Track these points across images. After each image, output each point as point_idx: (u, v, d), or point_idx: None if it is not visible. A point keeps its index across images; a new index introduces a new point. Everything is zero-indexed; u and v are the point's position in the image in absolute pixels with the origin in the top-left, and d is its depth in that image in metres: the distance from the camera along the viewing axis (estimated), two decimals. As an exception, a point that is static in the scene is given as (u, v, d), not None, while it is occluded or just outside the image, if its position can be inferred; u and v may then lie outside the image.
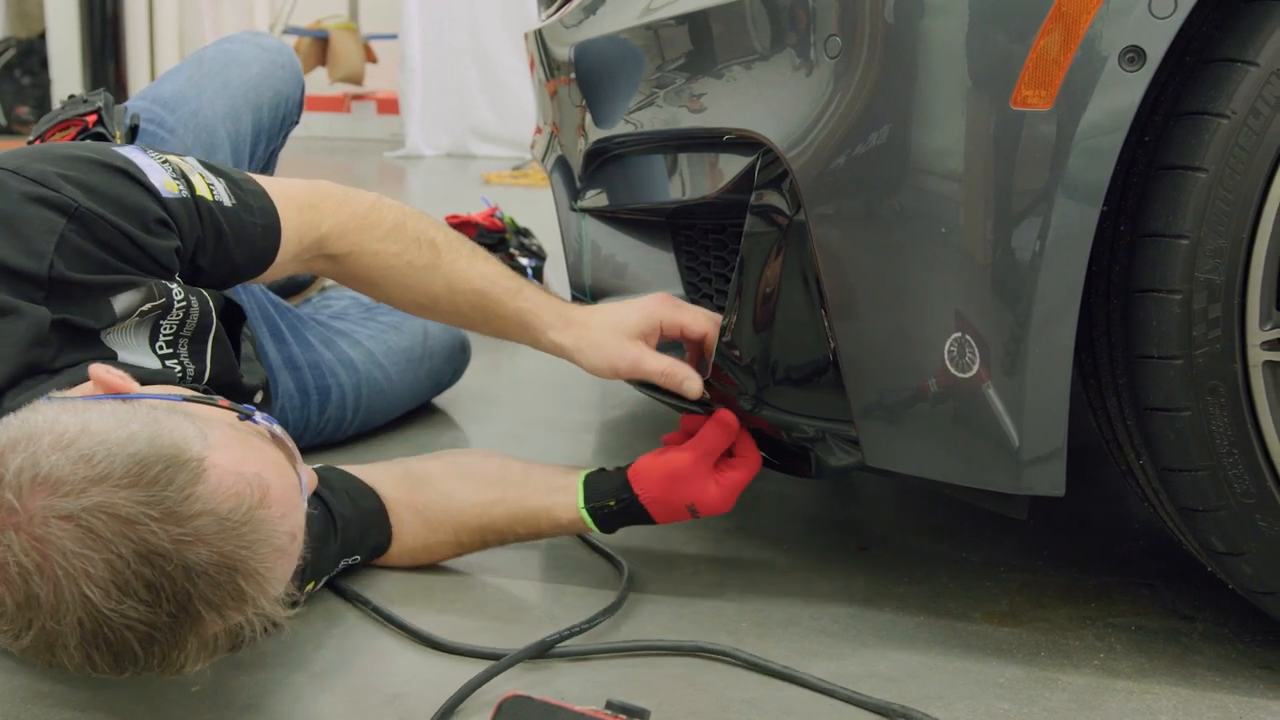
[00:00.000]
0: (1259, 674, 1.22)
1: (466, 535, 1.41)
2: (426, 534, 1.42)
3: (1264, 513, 1.12)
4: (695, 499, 1.36)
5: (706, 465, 1.36)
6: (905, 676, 1.19)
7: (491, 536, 1.41)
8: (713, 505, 1.36)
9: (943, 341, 1.13)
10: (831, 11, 1.14)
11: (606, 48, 1.46)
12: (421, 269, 1.38)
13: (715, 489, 1.36)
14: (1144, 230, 1.09)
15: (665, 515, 1.37)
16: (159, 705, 1.16)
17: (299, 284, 2.22)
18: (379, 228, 1.37)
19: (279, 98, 1.88)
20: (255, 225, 1.30)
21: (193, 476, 0.96)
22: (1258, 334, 1.09)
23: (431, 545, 1.42)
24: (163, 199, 1.21)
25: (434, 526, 1.41)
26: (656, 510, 1.37)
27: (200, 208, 1.24)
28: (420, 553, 1.43)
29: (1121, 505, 1.70)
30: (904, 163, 1.12)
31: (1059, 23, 1.04)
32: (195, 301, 1.25)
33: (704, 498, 1.36)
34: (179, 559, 0.94)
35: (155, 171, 1.22)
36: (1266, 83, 1.04)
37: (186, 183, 1.24)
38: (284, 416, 1.82)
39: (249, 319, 1.75)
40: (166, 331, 1.23)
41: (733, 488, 1.37)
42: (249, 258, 1.31)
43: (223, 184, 1.28)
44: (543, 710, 1.01)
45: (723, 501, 1.36)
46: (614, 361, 1.38)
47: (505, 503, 1.39)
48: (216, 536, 0.95)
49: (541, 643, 1.24)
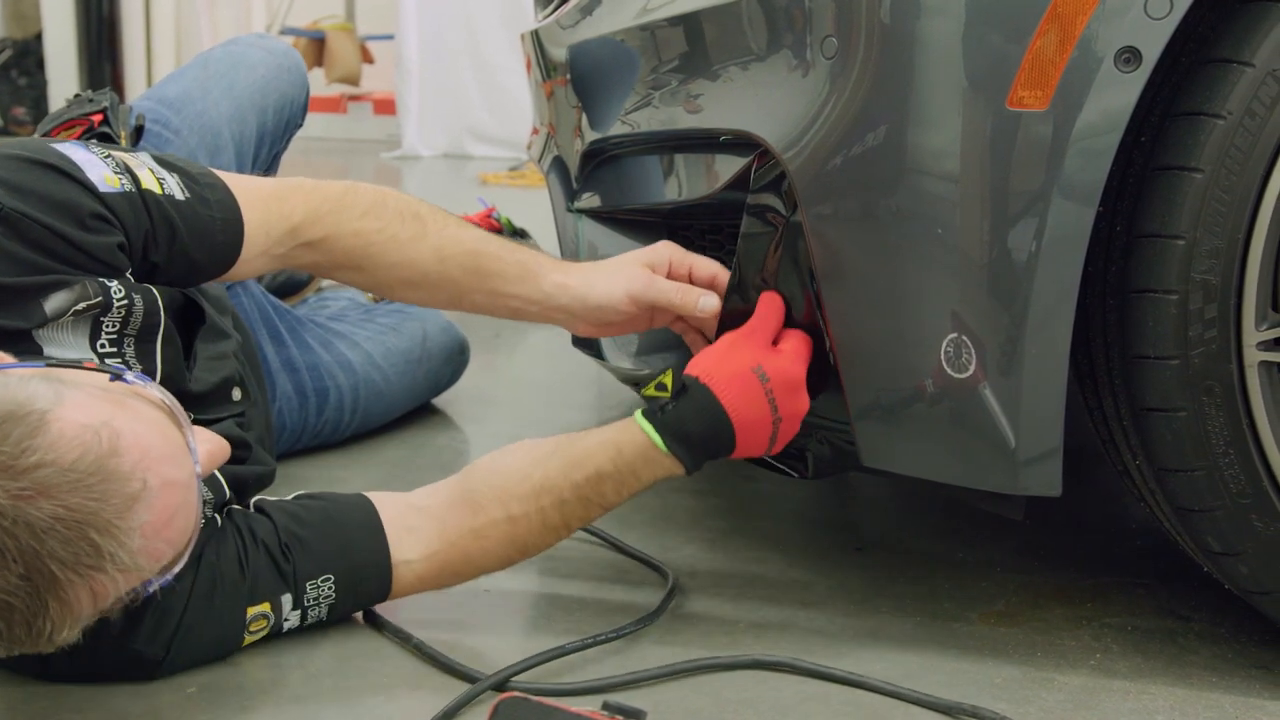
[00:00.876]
0: (1255, 674, 1.22)
1: (518, 505, 1.24)
2: (471, 517, 1.25)
3: (1260, 513, 1.12)
4: (761, 361, 1.22)
5: (764, 335, 1.24)
6: (902, 677, 1.20)
7: (547, 499, 1.24)
8: (782, 368, 1.22)
9: (939, 342, 1.14)
10: (828, 12, 1.15)
11: (603, 48, 1.46)
12: (408, 242, 1.33)
13: (779, 353, 1.23)
14: (1140, 231, 1.09)
15: (733, 390, 1.21)
16: (156, 706, 1.15)
17: (296, 284, 2.22)
18: (355, 207, 1.33)
19: (284, 100, 1.89)
20: (214, 220, 1.26)
21: (31, 430, 0.93)
22: (1253, 334, 1.09)
23: (480, 528, 1.25)
24: (100, 194, 1.17)
25: (478, 507, 1.25)
26: (721, 384, 1.21)
27: (147, 201, 1.20)
28: (469, 543, 1.26)
29: (1118, 505, 1.70)
30: (900, 163, 1.12)
31: (1055, 23, 1.04)
32: (139, 300, 1.20)
33: (770, 359, 1.22)
34: (19, 515, 0.91)
35: (95, 166, 1.19)
36: (1262, 83, 1.05)
37: (131, 176, 1.20)
38: (282, 418, 1.82)
39: (247, 320, 1.76)
40: (109, 330, 1.19)
41: (797, 350, 1.24)
42: (209, 254, 1.27)
43: (176, 178, 1.24)
44: (539, 711, 1.01)
45: (792, 362, 1.22)
46: (628, 285, 1.31)
47: (559, 453, 1.25)
48: (60, 489, 0.93)
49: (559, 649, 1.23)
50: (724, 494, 1.73)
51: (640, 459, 1.23)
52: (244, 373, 1.45)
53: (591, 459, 1.24)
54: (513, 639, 1.30)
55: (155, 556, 1.01)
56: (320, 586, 1.26)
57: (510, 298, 1.36)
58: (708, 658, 1.23)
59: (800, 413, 1.24)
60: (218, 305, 1.55)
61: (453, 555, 1.27)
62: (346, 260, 1.34)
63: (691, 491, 1.74)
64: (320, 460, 1.84)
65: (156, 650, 1.18)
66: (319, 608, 1.26)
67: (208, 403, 1.34)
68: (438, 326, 2.08)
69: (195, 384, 1.32)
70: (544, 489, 1.24)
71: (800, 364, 1.24)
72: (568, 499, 1.25)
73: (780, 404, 1.22)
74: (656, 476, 1.25)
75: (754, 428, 1.23)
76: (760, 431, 1.23)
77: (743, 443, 1.24)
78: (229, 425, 1.35)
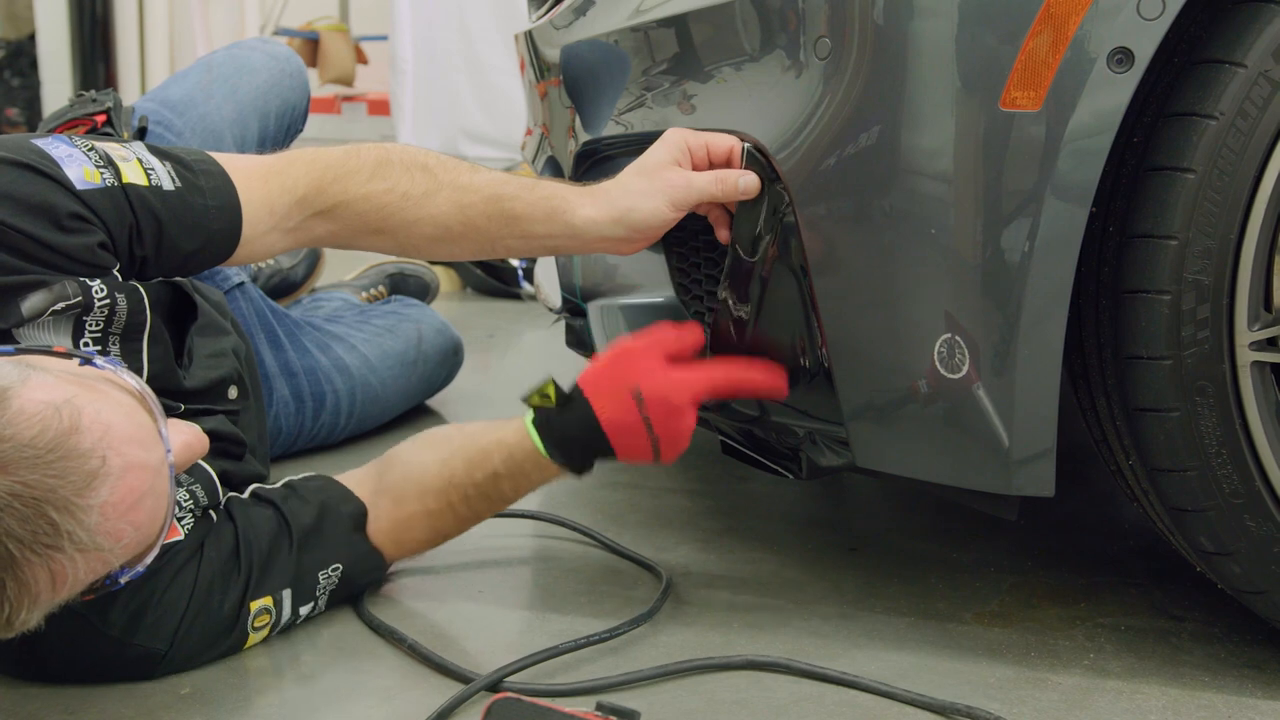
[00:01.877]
0: (1247, 673, 1.22)
1: (433, 500, 1.32)
2: (395, 509, 1.33)
3: (1252, 513, 1.12)
4: (640, 383, 1.24)
5: (657, 353, 1.26)
6: (896, 677, 1.20)
7: (455, 495, 1.32)
8: (662, 394, 1.23)
9: (933, 342, 1.14)
10: (821, 13, 1.15)
11: (596, 49, 1.46)
12: (421, 197, 1.29)
13: (664, 374, 1.24)
14: (1133, 231, 1.09)
15: (610, 407, 1.24)
16: (150, 707, 1.15)
17: (290, 285, 2.22)
18: (361, 171, 1.30)
19: (285, 106, 1.89)
20: (206, 207, 1.23)
21: None
22: (1246, 334, 1.09)
23: (402, 521, 1.33)
24: (78, 191, 1.15)
25: (401, 499, 1.33)
26: (600, 400, 1.24)
27: (129, 195, 1.18)
28: (399, 533, 1.34)
29: (1111, 506, 1.70)
30: (894, 164, 1.12)
31: (1048, 24, 1.04)
32: (123, 299, 1.19)
33: (651, 381, 1.24)
34: None
35: (74, 161, 1.17)
36: (1254, 84, 1.05)
37: (114, 170, 1.18)
38: (278, 423, 1.82)
39: (245, 326, 1.75)
40: (93, 329, 1.18)
41: (686, 379, 1.24)
42: (204, 242, 1.25)
43: (168, 167, 1.23)
44: (533, 712, 1.01)
45: (676, 388, 1.24)
46: (670, 196, 1.25)
47: (462, 452, 1.32)
48: (18, 465, 0.93)
49: (553, 649, 1.23)
50: (718, 494, 1.74)
51: (530, 462, 1.30)
52: (242, 371, 1.45)
53: (489, 460, 1.31)
54: (507, 639, 1.30)
55: (116, 536, 1.00)
56: (331, 575, 1.31)
57: (544, 238, 1.31)
58: (702, 658, 1.23)
59: (682, 432, 1.27)
60: (219, 309, 1.55)
61: (385, 542, 1.35)
62: (364, 225, 1.31)
63: (685, 492, 1.74)
64: (316, 462, 1.84)
65: (159, 644, 1.18)
66: (323, 598, 1.30)
67: (202, 398, 1.34)
68: (432, 328, 2.08)
69: (190, 380, 1.32)
70: (451, 485, 1.32)
71: (686, 390, 1.25)
72: (471, 495, 1.33)
73: (656, 426, 1.25)
74: (546, 478, 1.33)
75: (631, 444, 1.27)
76: (639, 446, 1.27)
77: (622, 452, 1.28)
78: (221, 420, 1.35)
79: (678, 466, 1.87)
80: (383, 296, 2.39)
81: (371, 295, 2.37)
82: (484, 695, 1.15)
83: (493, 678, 1.17)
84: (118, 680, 1.19)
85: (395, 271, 2.48)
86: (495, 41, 5.94)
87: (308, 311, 2.11)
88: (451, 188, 1.30)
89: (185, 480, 1.23)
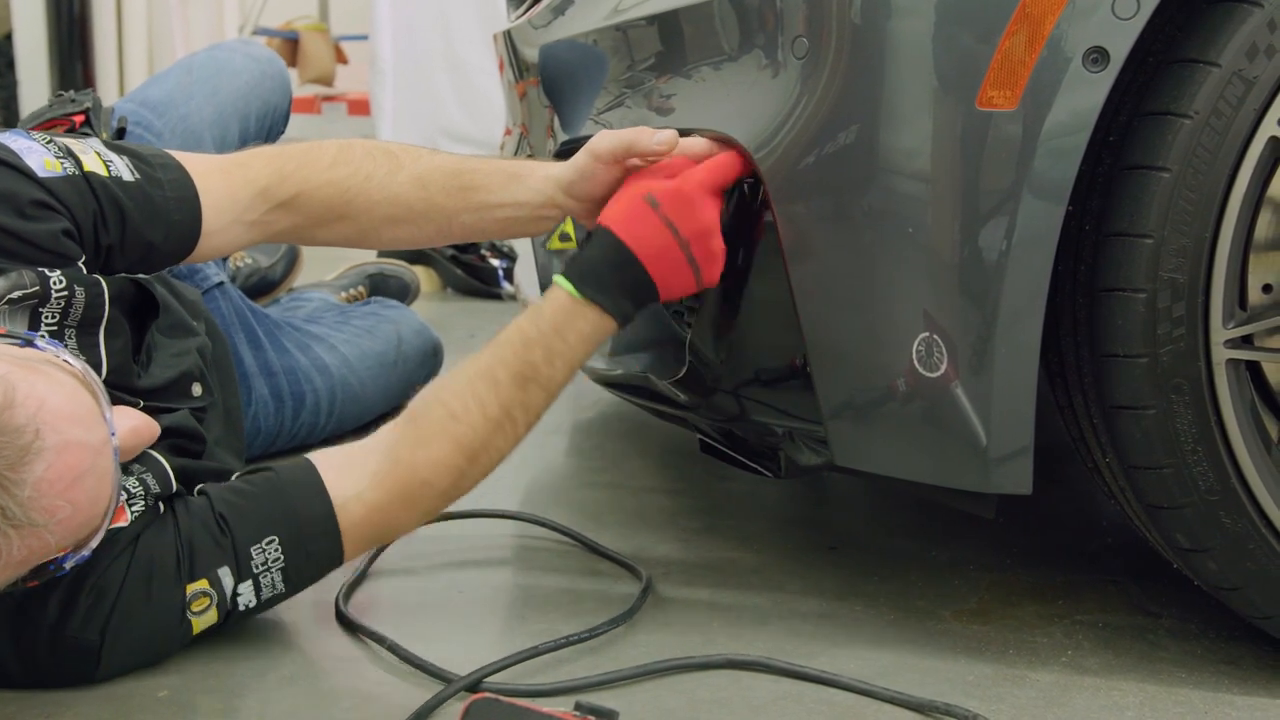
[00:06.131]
0: (1224, 669, 1.23)
1: (456, 400, 1.22)
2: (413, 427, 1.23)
3: (1227, 510, 1.13)
4: (650, 188, 1.20)
5: (660, 173, 1.23)
6: (875, 675, 1.20)
7: (482, 385, 1.22)
8: (671, 187, 1.20)
9: (911, 341, 1.14)
10: (799, 13, 1.15)
11: (575, 49, 1.46)
12: (384, 178, 1.30)
13: (670, 177, 1.21)
14: (1109, 230, 1.10)
15: (628, 220, 1.20)
16: (127, 709, 1.15)
17: (268, 283, 2.22)
18: (322, 159, 1.31)
19: (266, 108, 1.88)
20: (166, 199, 1.24)
21: None
22: (1221, 332, 1.10)
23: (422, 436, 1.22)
24: (40, 179, 1.16)
25: (420, 415, 1.23)
26: (619, 223, 1.20)
27: (92, 183, 1.19)
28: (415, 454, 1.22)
29: (1089, 503, 1.71)
30: (871, 163, 1.13)
31: (1023, 24, 1.05)
32: (81, 291, 1.18)
33: (658, 183, 1.21)
34: None
35: (34, 152, 1.18)
36: (1228, 83, 1.05)
37: (74, 160, 1.19)
38: (258, 423, 1.82)
39: (224, 325, 1.75)
40: (49, 320, 1.17)
41: (689, 172, 1.21)
42: (167, 233, 1.25)
43: (125, 161, 1.23)
44: (511, 712, 1.01)
45: (679, 181, 1.20)
46: (592, 146, 1.26)
47: (487, 346, 1.25)
48: None
49: (533, 649, 1.23)
50: (698, 493, 1.74)
51: (561, 314, 1.21)
52: (205, 369, 1.44)
53: (516, 329, 1.23)
54: (486, 639, 1.30)
55: (50, 512, 0.99)
56: (266, 550, 1.21)
57: (498, 208, 1.31)
58: (681, 657, 1.23)
59: (706, 229, 1.19)
60: (192, 310, 1.54)
61: (399, 472, 1.22)
62: (327, 212, 1.31)
63: (666, 491, 1.74)
64: (293, 462, 1.83)
65: (92, 635, 1.15)
66: (270, 574, 1.21)
67: (162, 395, 1.32)
68: (412, 329, 2.08)
69: (148, 378, 1.31)
70: (476, 376, 1.22)
71: (692, 180, 1.19)
72: (500, 379, 1.21)
73: (678, 224, 1.19)
74: (582, 334, 1.21)
75: (662, 257, 1.19)
76: (670, 259, 1.19)
77: (660, 276, 1.20)
78: (184, 416, 1.33)
79: (657, 465, 1.87)
80: (362, 297, 2.39)
81: (351, 295, 2.36)
82: (463, 695, 1.14)
83: (472, 678, 1.17)
84: (56, 684, 1.16)
85: (375, 272, 2.48)
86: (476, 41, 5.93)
87: (287, 311, 2.10)
88: (413, 166, 1.31)
89: (136, 469, 1.20)
